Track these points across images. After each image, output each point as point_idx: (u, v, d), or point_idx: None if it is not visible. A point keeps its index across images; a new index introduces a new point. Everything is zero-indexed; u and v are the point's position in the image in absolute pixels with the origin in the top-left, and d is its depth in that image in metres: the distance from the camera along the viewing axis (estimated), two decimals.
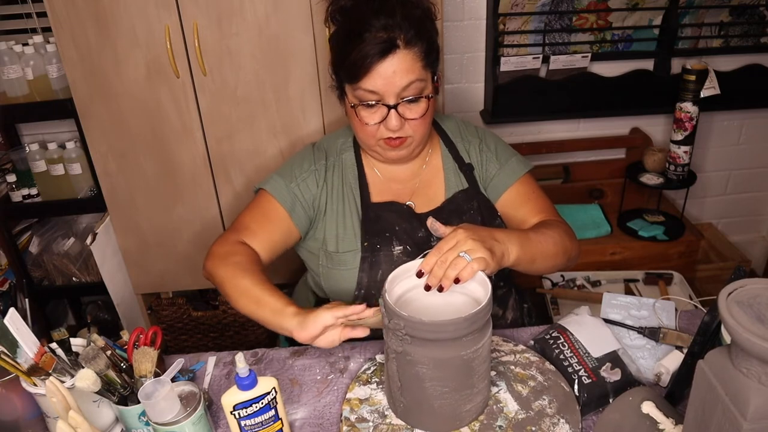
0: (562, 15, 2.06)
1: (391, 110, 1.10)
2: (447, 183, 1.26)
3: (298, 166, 1.25)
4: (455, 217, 1.23)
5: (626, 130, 2.32)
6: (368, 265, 1.18)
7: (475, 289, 0.97)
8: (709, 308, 0.88)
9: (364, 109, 1.12)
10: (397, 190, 1.25)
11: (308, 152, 1.28)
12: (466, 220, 1.22)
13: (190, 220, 1.76)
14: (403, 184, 1.26)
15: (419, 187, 1.26)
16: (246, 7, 1.49)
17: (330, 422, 1.00)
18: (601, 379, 1.00)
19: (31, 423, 0.98)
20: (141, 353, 0.95)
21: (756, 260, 2.60)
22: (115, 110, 1.59)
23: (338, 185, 1.24)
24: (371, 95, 1.10)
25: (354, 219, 1.22)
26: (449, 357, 0.88)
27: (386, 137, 1.14)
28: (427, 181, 1.26)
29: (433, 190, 1.26)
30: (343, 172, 1.25)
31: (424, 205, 1.24)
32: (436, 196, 1.25)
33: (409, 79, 1.08)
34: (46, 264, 2.02)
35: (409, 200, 1.25)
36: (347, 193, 1.23)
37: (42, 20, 1.87)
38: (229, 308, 1.98)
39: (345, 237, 1.21)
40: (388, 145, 1.16)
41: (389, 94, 1.09)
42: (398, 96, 1.10)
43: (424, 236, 1.21)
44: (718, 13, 2.10)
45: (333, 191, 1.23)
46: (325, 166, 1.25)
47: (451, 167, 1.27)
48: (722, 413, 0.67)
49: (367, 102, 1.11)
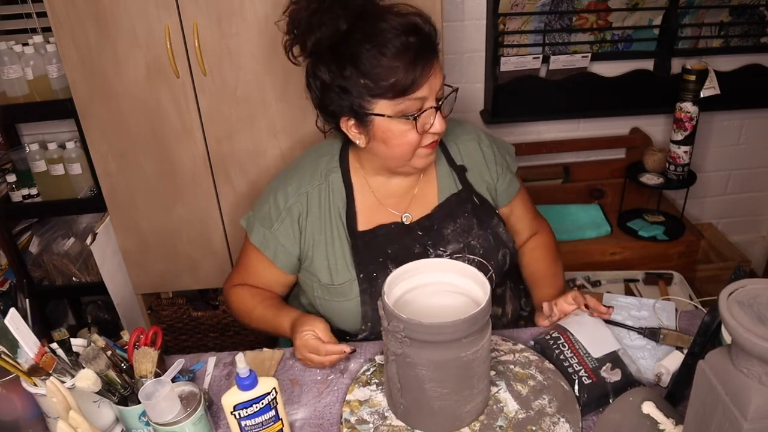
0: (562, 15, 2.06)
1: (437, 111, 1.08)
2: (440, 186, 1.23)
3: (273, 206, 1.20)
4: (449, 221, 1.21)
5: (626, 130, 2.32)
6: (368, 296, 1.16)
7: (474, 290, 0.97)
8: (710, 308, 0.88)
9: (405, 122, 1.07)
10: (392, 205, 1.21)
11: (282, 185, 1.21)
12: (460, 223, 1.21)
13: (190, 220, 1.76)
14: (400, 197, 1.22)
15: (415, 196, 1.23)
16: (246, 7, 1.49)
17: (330, 422, 1.00)
18: (602, 379, 1.00)
19: (31, 423, 0.98)
20: (141, 353, 0.95)
21: (756, 260, 2.60)
22: (115, 110, 1.59)
23: (325, 212, 1.19)
24: (418, 102, 1.06)
25: (345, 248, 1.18)
26: (449, 358, 0.88)
27: (429, 142, 1.11)
28: (422, 189, 1.23)
29: (427, 196, 1.23)
30: (331, 196, 1.19)
31: (418, 214, 1.22)
32: (430, 203, 1.23)
33: (441, 76, 1.08)
34: (46, 264, 2.02)
35: (406, 212, 1.22)
36: (335, 221, 1.18)
37: (42, 20, 1.87)
38: (228, 308, 1.98)
39: (338, 268, 1.17)
40: (429, 150, 1.12)
41: (432, 95, 1.07)
42: (437, 96, 1.08)
43: (420, 251, 1.19)
44: (718, 13, 2.10)
45: (320, 220, 1.19)
46: (308, 195, 1.19)
47: (445, 170, 1.24)
48: (723, 413, 0.67)
49: (411, 114, 1.06)
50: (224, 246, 1.81)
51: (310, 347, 1.09)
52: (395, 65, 1.02)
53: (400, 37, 1.03)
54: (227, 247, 1.81)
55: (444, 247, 1.20)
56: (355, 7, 1.07)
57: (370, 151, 1.14)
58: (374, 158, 1.16)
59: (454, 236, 1.20)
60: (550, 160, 2.31)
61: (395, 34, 1.03)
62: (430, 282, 1.00)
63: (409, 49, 1.02)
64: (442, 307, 0.99)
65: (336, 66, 1.07)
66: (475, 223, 1.21)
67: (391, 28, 1.03)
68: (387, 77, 1.03)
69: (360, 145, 1.13)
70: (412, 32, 1.03)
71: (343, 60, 1.05)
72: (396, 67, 1.02)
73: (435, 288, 1.00)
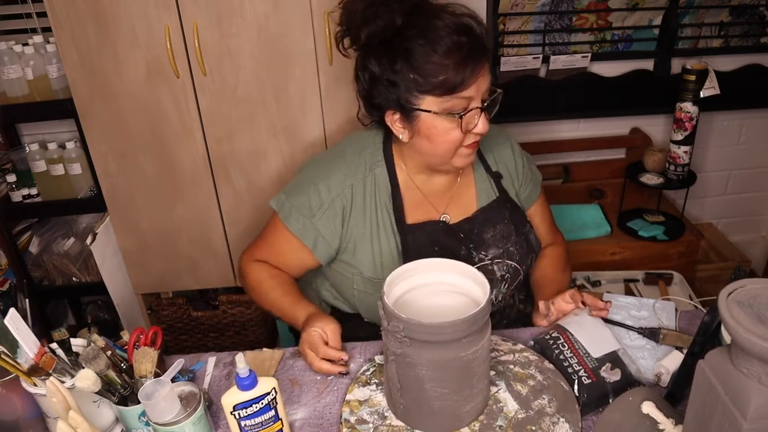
0: (562, 15, 2.06)
1: (483, 112, 1.08)
2: (478, 191, 1.24)
3: (315, 196, 1.18)
4: (489, 226, 1.22)
5: (626, 130, 2.32)
6: None
7: (474, 290, 0.97)
8: (709, 308, 0.88)
9: (450, 119, 1.07)
10: (433, 203, 1.22)
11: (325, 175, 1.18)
12: (500, 229, 1.22)
13: (190, 220, 1.76)
14: (439, 196, 1.23)
15: (453, 197, 1.24)
16: (246, 7, 1.49)
17: (330, 422, 1.00)
18: (601, 379, 1.00)
19: (31, 423, 0.98)
20: (141, 353, 0.95)
21: (756, 260, 2.60)
22: (115, 110, 1.59)
23: (371, 205, 1.18)
24: (464, 101, 1.06)
25: (391, 243, 1.18)
26: (448, 358, 0.88)
27: (471, 142, 1.11)
28: (460, 191, 1.24)
29: (465, 199, 1.24)
30: (377, 190, 1.18)
31: (457, 216, 1.22)
32: (469, 206, 1.24)
33: (489, 78, 1.08)
34: (46, 264, 2.02)
35: (444, 212, 1.22)
36: (381, 215, 1.18)
37: (42, 20, 1.87)
38: (229, 308, 1.98)
39: (384, 262, 1.17)
40: (470, 150, 1.12)
41: (478, 96, 1.07)
42: (482, 98, 1.08)
43: (465, 253, 1.19)
44: (718, 13, 2.10)
45: (365, 213, 1.18)
46: (352, 188, 1.17)
47: (483, 175, 1.25)
48: (722, 413, 0.67)
49: (456, 112, 1.06)
50: (224, 246, 1.81)
51: (312, 344, 1.09)
52: (446, 63, 1.03)
53: (452, 35, 1.03)
54: (227, 247, 1.81)
55: (485, 251, 1.21)
56: (410, 3, 1.07)
57: (413, 147, 1.15)
58: (415, 154, 1.17)
59: (494, 241, 1.21)
60: (550, 160, 2.31)
61: (448, 32, 1.03)
62: (430, 282, 1.00)
63: (461, 49, 1.03)
64: (441, 307, 0.99)
65: (387, 59, 1.07)
66: (512, 230, 1.23)
67: (444, 26, 1.04)
68: (437, 74, 1.03)
69: (403, 139, 1.14)
70: (464, 32, 1.04)
71: (395, 54, 1.06)
72: (446, 64, 1.03)
73: (435, 288, 1.00)
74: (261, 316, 2.01)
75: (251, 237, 1.78)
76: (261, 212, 1.73)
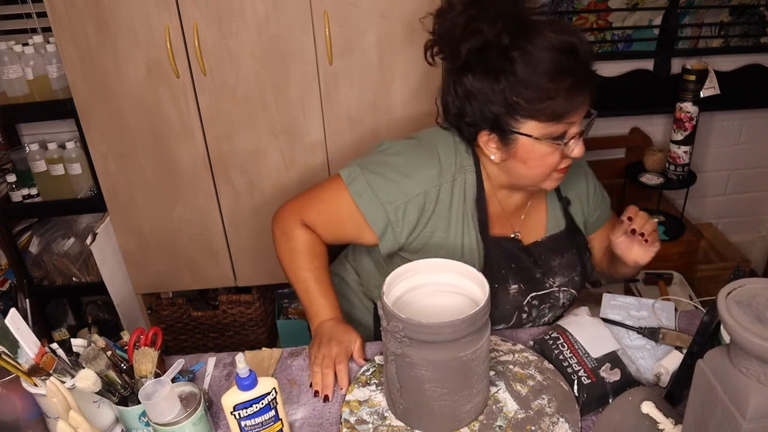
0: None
1: (581, 137, 1.06)
2: (549, 216, 1.23)
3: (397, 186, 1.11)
4: (555, 254, 1.21)
5: (626, 130, 2.32)
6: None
7: (473, 290, 0.97)
8: (709, 308, 0.88)
9: (550, 144, 1.03)
10: (509, 220, 1.20)
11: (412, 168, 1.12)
12: (567, 258, 1.21)
13: (190, 220, 1.76)
14: (513, 212, 1.20)
15: (525, 216, 1.21)
16: (246, 7, 1.49)
17: (330, 422, 1.00)
18: (601, 379, 1.00)
19: (31, 423, 0.98)
20: (141, 354, 0.95)
21: (756, 260, 2.60)
22: (115, 110, 1.59)
23: (457, 211, 1.13)
24: (565, 126, 1.03)
25: (474, 251, 1.14)
26: (448, 359, 0.88)
27: (565, 166, 1.08)
28: (532, 212, 1.22)
29: (536, 221, 1.22)
30: (465, 195, 1.13)
31: (527, 237, 1.21)
32: (538, 228, 1.22)
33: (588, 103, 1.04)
34: (46, 264, 2.02)
35: (516, 230, 1.20)
36: (467, 221, 1.14)
37: (42, 20, 1.87)
38: (228, 308, 1.98)
39: None
40: (562, 174, 1.09)
41: (579, 120, 1.04)
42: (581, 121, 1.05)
43: (540, 277, 1.18)
44: (718, 13, 2.11)
45: (448, 217, 1.13)
46: (439, 189, 1.12)
47: (554, 202, 1.23)
48: (721, 413, 0.67)
49: (556, 137, 1.03)
50: (224, 246, 1.81)
51: (339, 354, 1.08)
52: (555, 88, 0.98)
53: (560, 58, 0.99)
54: (227, 247, 1.81)
55: (553, 278, 1.20)
56: (513, 20, 1.01)
57: (503, 167, 1.10)
58: (502, 174, 1.12)
59: (560, 269, 1.21)
60: None
61: (556, 54, 0.98)
62: (430, 282, 1.00)
63: (571, 74, 0.99)
64: (441, 307, 0.99)
65: (487, 78, 1.02)
66: (577, 260, 1.22)
67: (551, 47, 0.99)
68: (544, 99, 0.99)
69: (494, 160, 1.09)
70: (572, 53, 1.00)
71: (496, 73, 1.01)
72: (555, 90, 0.98)
73: (434, 288, 1.00)
74: (261, 316, 2.01)
75: (251, 237, 1.79)
76: (261, 212, 1.73)
